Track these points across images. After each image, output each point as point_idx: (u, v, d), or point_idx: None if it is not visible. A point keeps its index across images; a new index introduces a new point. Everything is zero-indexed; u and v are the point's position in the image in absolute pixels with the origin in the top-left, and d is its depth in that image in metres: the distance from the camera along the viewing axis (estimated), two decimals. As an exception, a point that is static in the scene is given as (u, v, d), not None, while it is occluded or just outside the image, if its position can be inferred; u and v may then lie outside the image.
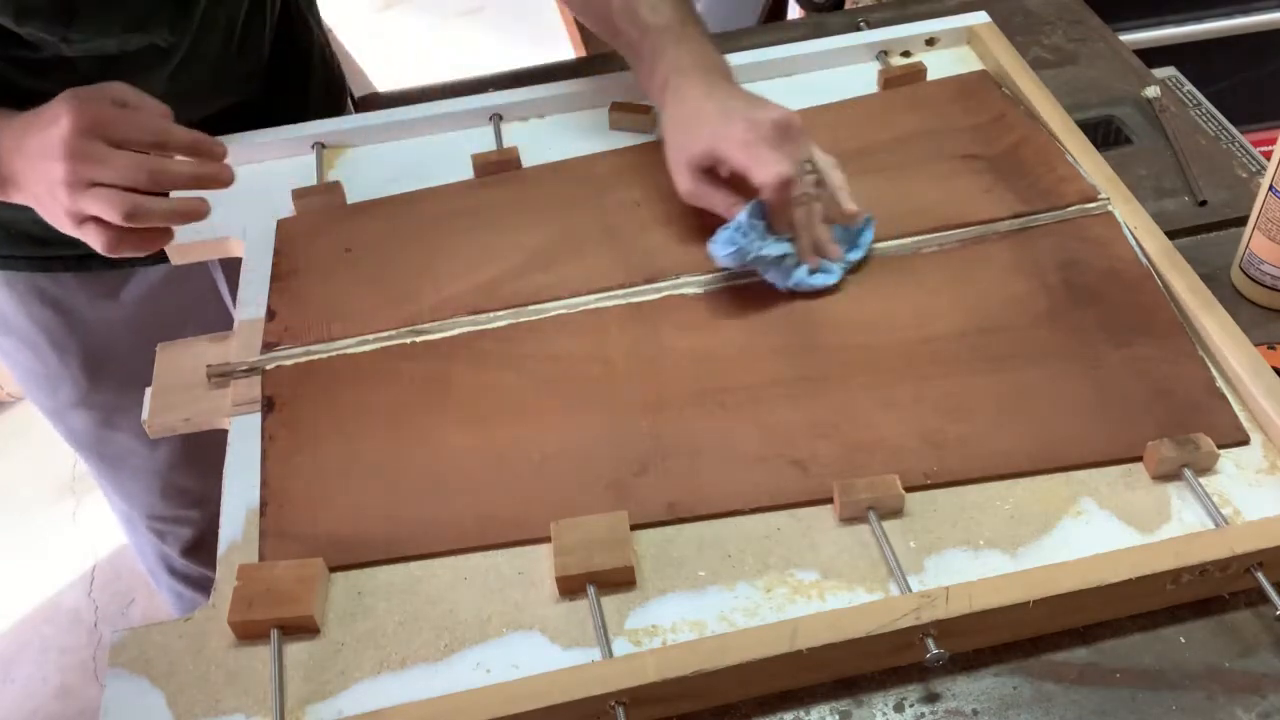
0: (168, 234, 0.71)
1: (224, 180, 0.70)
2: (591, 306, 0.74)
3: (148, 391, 0.72)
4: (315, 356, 0.72)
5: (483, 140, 0.88)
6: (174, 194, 0.69)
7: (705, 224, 0.78)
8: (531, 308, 0.74)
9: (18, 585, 1.73)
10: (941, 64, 0.92)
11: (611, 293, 0.74)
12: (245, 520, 0.64)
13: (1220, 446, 0.63)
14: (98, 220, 0.67)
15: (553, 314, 0.73)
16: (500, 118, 0.89)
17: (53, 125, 0.66)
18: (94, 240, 0.68)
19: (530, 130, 0.89)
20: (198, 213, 0.69)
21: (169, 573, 1.18)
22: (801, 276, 0.72)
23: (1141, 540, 0.60)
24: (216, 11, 0.83)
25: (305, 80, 0.97)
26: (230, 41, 0.86)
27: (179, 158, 0.69)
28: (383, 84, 1.36)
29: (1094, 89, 0.94)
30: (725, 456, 0.65)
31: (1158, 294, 0.71)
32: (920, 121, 0.86)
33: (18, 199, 0.71)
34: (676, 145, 0.76)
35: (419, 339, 0.73)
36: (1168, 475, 0.63)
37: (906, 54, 0.94)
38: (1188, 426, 0.64)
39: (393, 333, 0.73)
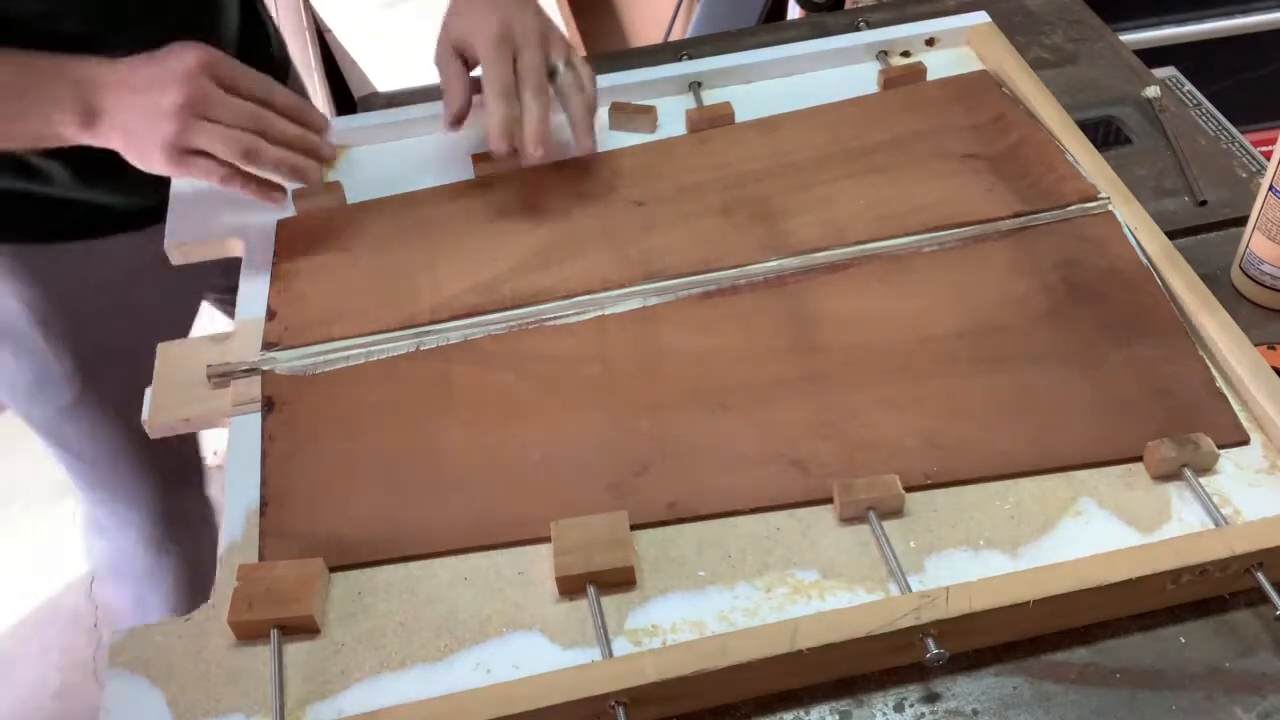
0: (279, 190, 0.73)
1: (324, 154, 0.73)
2: (591, 307, 0.74)
3: (148, 391, 0.72)
4: (315, 357, 0.72)
5: (483, 140, 0.88)
6: None
7: (705, 225, 0.79)
8: (531, 308, 0.74)
9: (17, 586, 1.73)
10: (941, 64, 0.92)
11: (612, 293, 0.74)
12: (245, 520, 0.64)
13: (1220, 446, 0.63)
14: (207, 155, 0.70)
15: (553, 314, 0.73)
16: (500, 118, 0.89)
17: (171, 59, 0.68)
18: (202, 172, 0.71)
19: (530, 130, 0.89)
20: (307, 172, 0.72)
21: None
22: None
23: (1141, 540, 0.60)
24: None
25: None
26: None
27: (287, 109, 0.72)
28: (383, 84, 1.36)
29: (1094, 89, 0.94)
30: (725, 456, 0.65)
31: (1158, 294, 0.71)
32: (920, 121, 0.86)
33: (98, 136, 0.71)
34: (446, 27, 0.79)
35: (419, 339, 0.73)
36: (1168, 475, 0.63)
37: (906, 54, 0.94)
38: (1188, 426, 0.64)
39: (393, 333, 0.73)
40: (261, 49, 0.97)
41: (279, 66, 0.99)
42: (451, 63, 0.80)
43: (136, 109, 0.69)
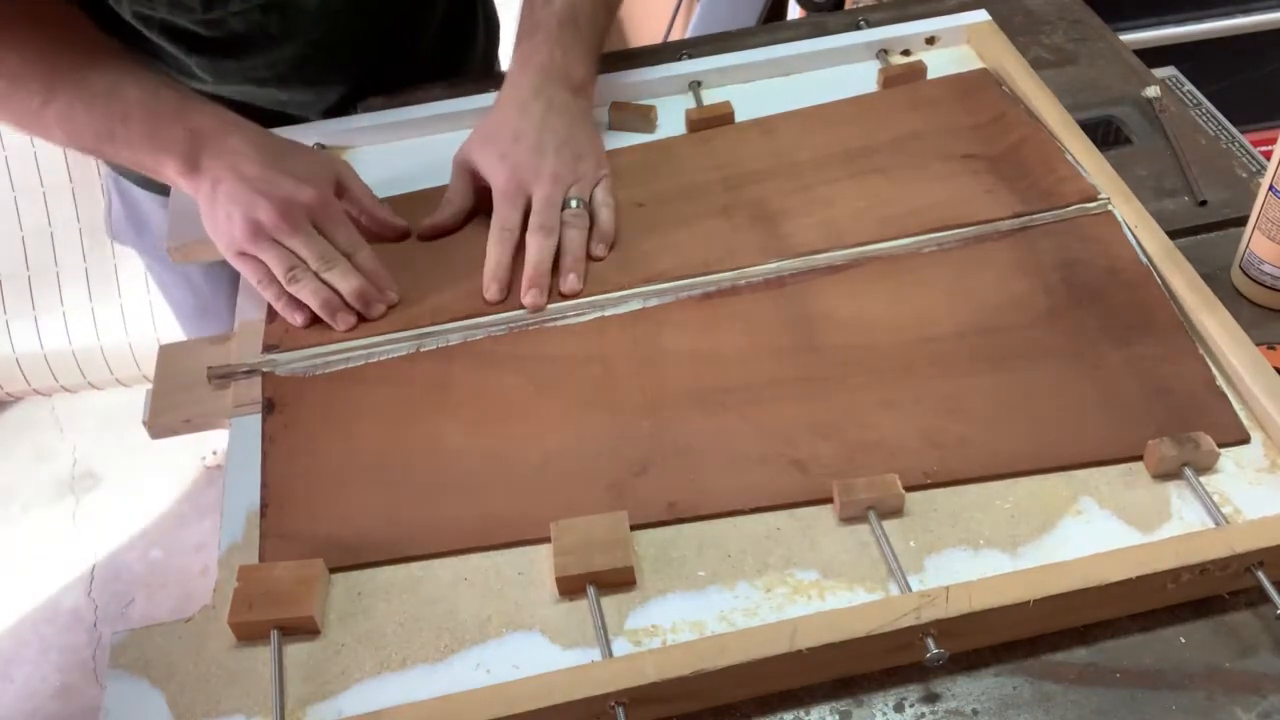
0: (311, 316, 0.73)
1: (373, 315, 0.73)
2: (591, 307, 0.74)
3: (147, 390, 0.72)
4: (316, 358, 0.72)
5: (483, 140, 0.88)
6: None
7: (705, 226, 0.79)
8: (531, 308, 0.74)
9: (17, 585, 1.73)
10: (941, 63, 0.92)
11: (611, 294, 0.74)
12: (245, 521, 0.64)
13: (1220, 445, 0.63)
14: (259, 264, 0.72)
15: (553, 315, 0.73)
16: (500, 118, 0.89)
17: (289, 179, 0.71)
18: (252, 276, 0.72)
19: (530, 130, 0.89)
20: (339, 315, 0.72)
21: None
22: None
23: (1141, 540, 0.60)
24: None
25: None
26: None
27: (352, 270, 0.73)
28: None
29: (1094, 89, 0.94)
30: (725, 456, 0.65)
31: (1158, 293, 0.71)
32: (920, 121, 0.86)
33: (191, 187, 0.72)
34: (472, 139, 0.80)
35: (419, 340, 0.73)
36: (1168, 474, 0.63)
37: (906, 53, 0.94)
38: (1188, 425, 0.64)
39: (393, 334, 0.73)
40: (461, 45, 1.00)
41: (477, 65, 1.01)
42: (460, 177, 0.80)
43: (231, 194, 0.70)
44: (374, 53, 0.93)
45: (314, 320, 0.73)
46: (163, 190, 0.86)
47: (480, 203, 0.80)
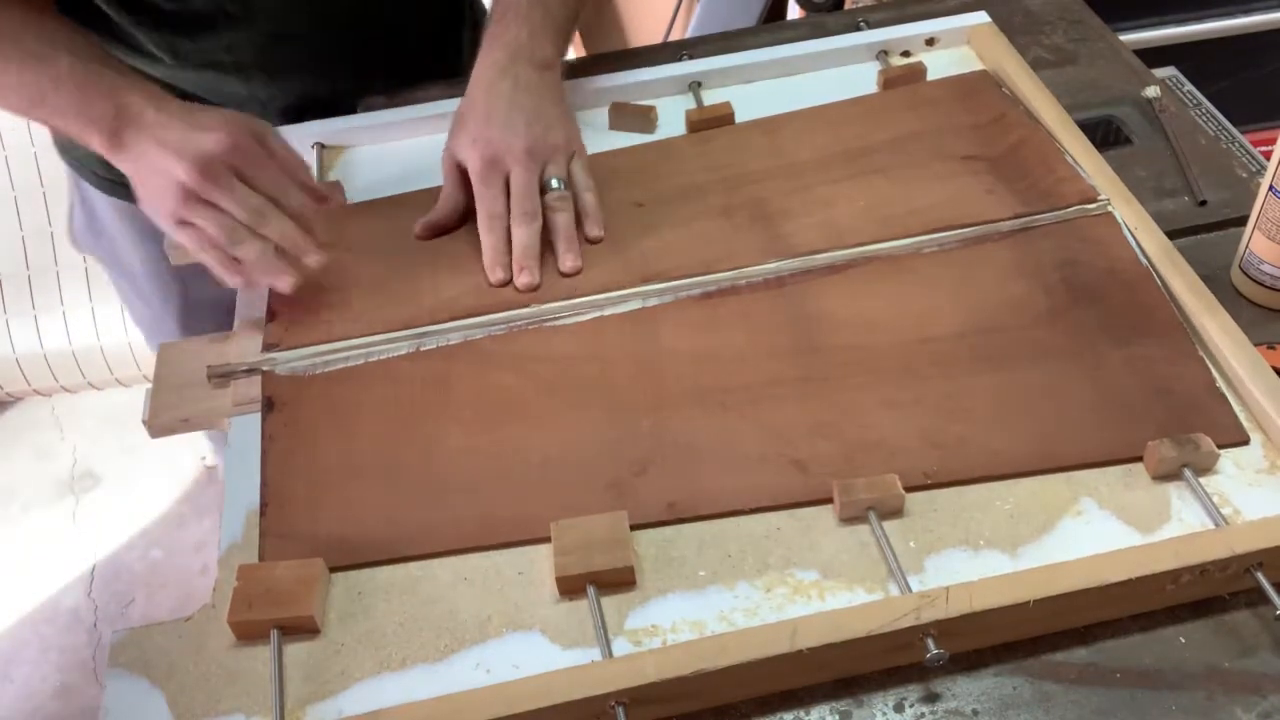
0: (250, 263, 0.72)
1: (309, 265, 0.72)
2: (591, 307, 0.74)
3: (147, 390, 0.72)
4: (315, 357, 0.72)
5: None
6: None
7: (705, 226, 0.79)
8: (531, 308, 0.73)
9: (17, 585, 1.73)
10: (941, 64, 0.92)
11: (611, 294, 0.74)
12: (245, 521, 0.64)
13: (1220, 446, 0.63)
14: (199, 230, 0.70)
15: (553, 314, 0.73)
16: (500, 118, 0.89)
17: (202, 132, 0.69)
18: (194, 245, 0.71)
19: (530, 130, 0.89)
20: (280, 275, 0.71)
21: None
22: None
23: (1141, 540, 0.60)
24: None
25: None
26: None
27: (286, 220, 0.71)
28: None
29: (1094, 89, 0.94)
30: (725, 456, 0.65)
31: (1158, 294, 0.71)
32: (920, 121, 0.86)
33: (118, 162, 0.72)
34: (452, 129, 0.80)
35: (419, 340, 0.73)
36: (1168, 475, 0.63)
37: (906, 54, 0.94)
38: (1188, 426, 0.64)
39: (393, 333, 0.73)
40: (444, 50, 1.00)
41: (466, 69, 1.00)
42: (451, 173, 0.80)
43: (153, 163, 0.70)
44: (337, 50, 0.93)
45: (254, 282, 0.73)
46: (125, 196, 0.86)
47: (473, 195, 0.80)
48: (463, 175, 0.79)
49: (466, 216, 0.80)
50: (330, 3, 0.89)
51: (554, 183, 0.77)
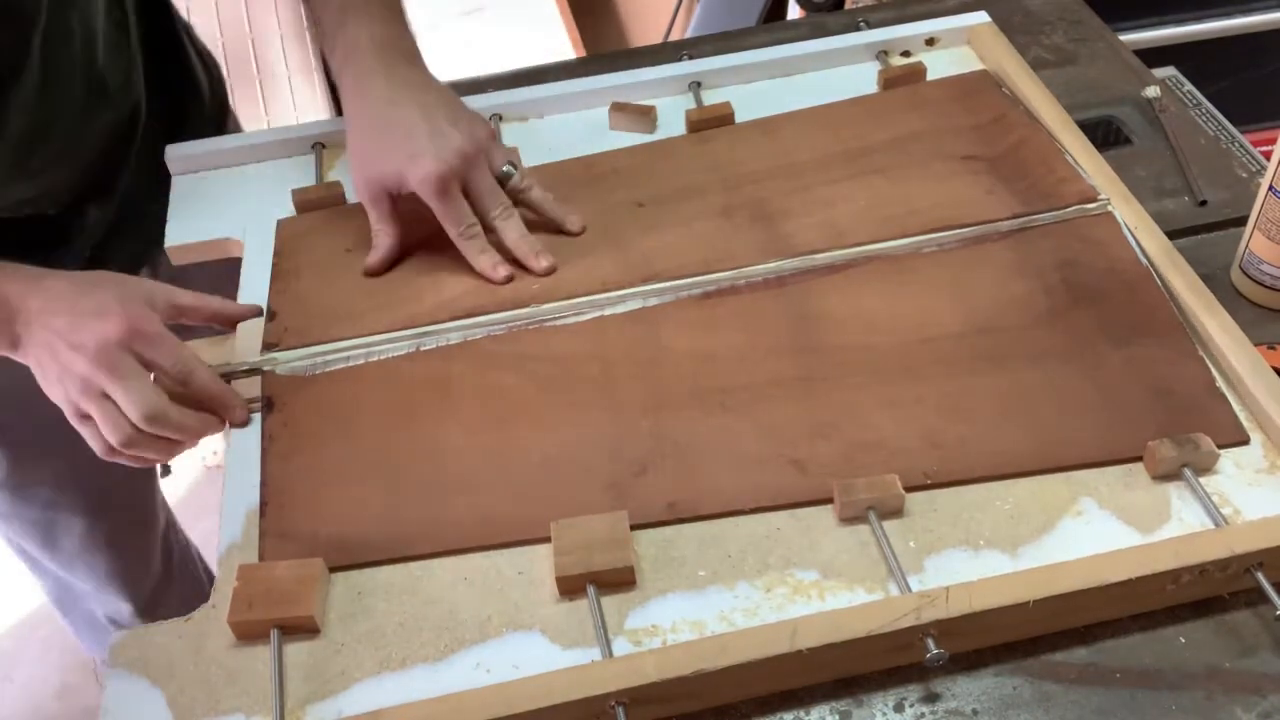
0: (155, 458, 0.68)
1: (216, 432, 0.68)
2: (591, 307, 0.74)
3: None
4: (315, 357, 0.72)
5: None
6: None
7: (705, 226, 0.79)
8: (531, 309, 0.74)
9: (18, 585, 1.73)
10: (941, 64, 0.92)
11: (611, 294, 0.74)
12: (245, 521, 0.64)
13: (1220, 446, 0.63)
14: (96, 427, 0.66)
15: (553, 314, 0.73)
16: (500, 118, 0.89)
17: (94, 319, 0.64)
18: (91, 438, 0.67)
19: (530, 130, 0.89)
20: (166, 458, 0.68)
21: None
22: None
23: (1141, 540, 0.60)
24: (68, 15, 0.74)
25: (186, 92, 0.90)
26: (91, 50, 0.76)
27: (186, 413, 0.66)
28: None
29: (1094, 89, 0.94)
30: (725, 456, 0.65)
31: (1158, 294, 0.71)
32: (920, 121, 0.86)
33: (20, 358, 0.67)
34: (363, 159, 0.74)
35: (419, 340, 0.73)
36: (1168, 475, 0.63)
37: (906, 54, 0.94)
38: (1188, 426, 0.64)
39: (393, 333, 0.73)
40: (195, 106, 0.92)
41: (211, 118, 0.93)
42: (376, 204, 0.75)
43: (48, 353, 0.65)
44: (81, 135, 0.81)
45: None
46: None
47: (405, 215, 0.76)
48: (393, 201, 0.75)
49: (411, 245, 0.77)
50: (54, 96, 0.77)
51: (506, 168, 0.76)
